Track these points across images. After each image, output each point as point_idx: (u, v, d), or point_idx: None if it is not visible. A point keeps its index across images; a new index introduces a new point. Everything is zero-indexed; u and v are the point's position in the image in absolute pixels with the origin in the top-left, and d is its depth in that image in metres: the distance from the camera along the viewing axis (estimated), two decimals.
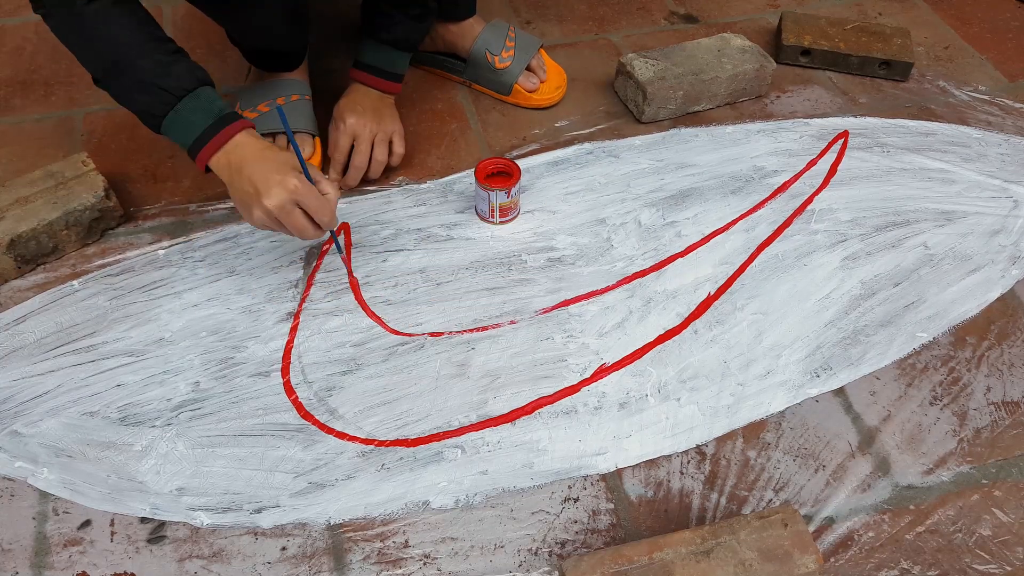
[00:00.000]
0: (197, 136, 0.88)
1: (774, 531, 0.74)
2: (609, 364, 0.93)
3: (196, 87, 0.88)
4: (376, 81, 1.12)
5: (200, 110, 0.88)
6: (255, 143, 0.89)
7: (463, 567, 0.78)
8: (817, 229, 1.08)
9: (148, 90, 0.87)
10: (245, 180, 0.87)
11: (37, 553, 0.77)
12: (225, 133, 0.88)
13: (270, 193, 0.86)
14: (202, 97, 0.89)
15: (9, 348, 0.92)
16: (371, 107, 1.11)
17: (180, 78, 0.88)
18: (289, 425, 0.87)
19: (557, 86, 1.25)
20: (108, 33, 0.86)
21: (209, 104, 0.89)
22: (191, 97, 0.88)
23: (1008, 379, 0.94)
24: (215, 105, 0.89)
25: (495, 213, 1.06)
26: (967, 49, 1.40)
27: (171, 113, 0.88)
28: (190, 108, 0.88)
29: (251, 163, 0.87)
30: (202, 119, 0.88)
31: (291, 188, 0.86)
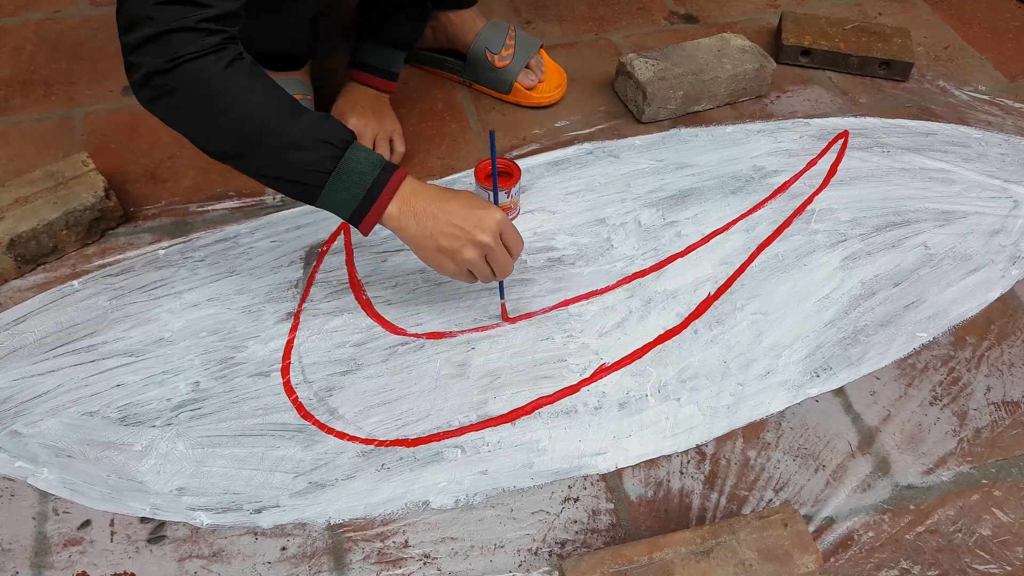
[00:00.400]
0: (369, 187, 0.81)
1: (774, 531, 0.74)
2: (609, 364, 0.93)
3: (354, 139, 0.82)
4: (374, 80, 1.12)
5: (365, 160, 0.81)
6: (428, 187, 0.84)
7: (463, 567, 0.78)
8: (817, 229, 1.08)
9: (308, 147, 0.79)
10: (445, 224, 0.82)
11: (37, 553, 0.77)
12: (396, 179, 0.82)
13: (483, 226, 0.82)
14: (361, 148, 0.82)
15: (9, 348, 0.92)
16: (370, 106, 1.11)
17: (339, 130, 0.81)
18: (289, 425, 0.87)
19: (557, 85, 1.25)
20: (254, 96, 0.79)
21: (370, 154, 0.82)
22: (353, 148, 0.81)
23: (1008, 379, 0.94)
24: (374, 155, 0.82)
25: None
26: (967, 49, 1.40)
27: (337, 167, 0.80)
28: (356, 159, 0.81)
29: (444, 205, 0.82)
30: (370, 168, 0.81)
31: (500, 218, 0.83)
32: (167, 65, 0.75)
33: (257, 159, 0.81)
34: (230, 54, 0.78)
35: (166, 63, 0.75)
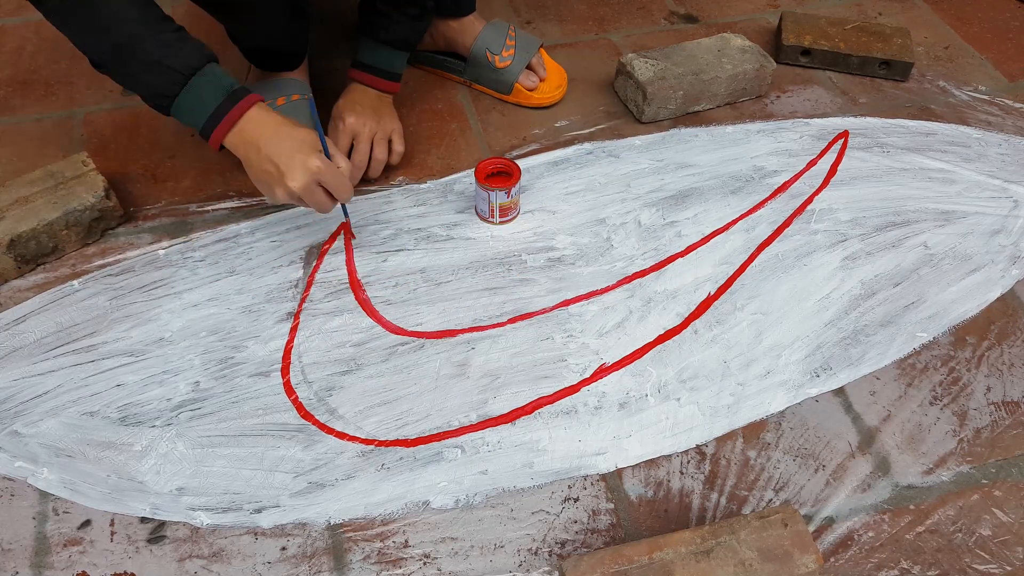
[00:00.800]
0: (210, 114, 0.87)
1: (774, 531, 0.74)
2: (609, 364, 0.93)
3: (204, 64, 0.87)
4: (375, 80, 1.12)
5: (210, 87, 0.87)
6: (271, 118, 0.89)
7: (463, 567, 0.78)
8: (817, 229, 1.08)
9: (156, 70, 0.85)
10: (265, 159, 0.87)
11: (37, 553, 0.77)
12: (239, 108, 0.88)
13: (293, 174, 0.87)
14: (210, 74, 0.88)
15: (9, 348, 0.92)
16: (370, 106, 1.11)
17: (188, 56, 0.86)
18: (289, 425, 0.87)
19: (558, 85, 1.25)
20: (111, 13, 0.84)
21: (218, 80, 0.88)
22: (200, 75, 0.87)
23: (1008, 379, 0.94)
24: (224, 81, 0.88)
25: (495, 213, 1.05)
26: (967, 49, 1.40)
27: (181, 92, 0.86)
28: (200, 86, 0.87)
29: (270, 141, 0.87)
30: (213, 96, 0.87)
31: (313, 168, 0.87)
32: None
33: (114, 73, 0.88)
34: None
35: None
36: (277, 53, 1.14)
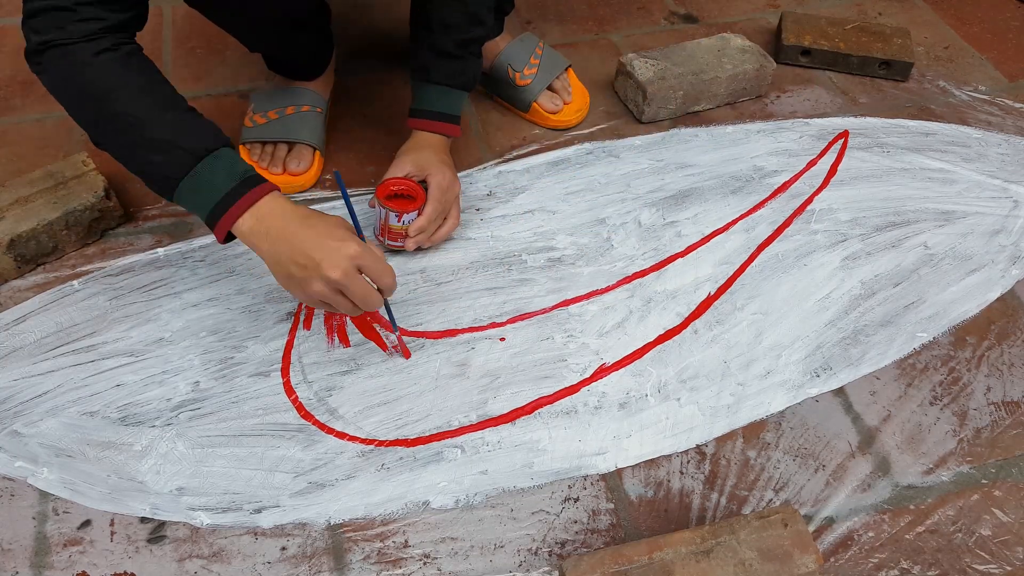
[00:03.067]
0: (219, 199, 0.80)
1: (774, 531, 0.74)
2: (609, 364, 0.93)
3: (218, 147, 0.81)
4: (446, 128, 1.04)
5: (222, 171, 0.80)
6: (291, 208, 0.81)
7: (463, 567, 0.78)
8: (817, 229, 1.08)
9: (163, 149, 0.79)
10: (296, 252, 0.79)
11: (37, 553, 0.77)
12: (252, 195, 0.80)
13: (333, 261, 0.78)
14: (224, 158, 0.81)
15: (9, 348, 0.92)
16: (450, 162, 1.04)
17: (201, 138, 0.81)
18: (289, 425, 0.87)
19: (578, 109, 1.22)
20: (117, 88, 0.79)
21: (232, 165, 0.81)
22: (212, 158, 0.80)
23: (1008, 379, 0.94)
24: (238, 166, 0.81)
25: (385, 232, 1.00)
26: (967, 49, 1.40)
27: (188, 175, 0.80)
28: (211, 169, 0.80)
29: (298, 231, 0.79)
30: (224, 181, 0.80)
31: (353, 253, 0.79)
32: (40, 47, 0.79)
33: (115, 151, 0.83)
34: (104, 43, 0.79)
35: (40, 44, 0.79)
36: (294, 62, 1.13)
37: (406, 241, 0.99)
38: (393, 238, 1.00)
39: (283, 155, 1.10)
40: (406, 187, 1.00)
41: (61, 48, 0.78)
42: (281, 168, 1.09)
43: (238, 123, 1.14)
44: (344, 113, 1.22)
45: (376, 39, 1.37)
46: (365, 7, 1.43)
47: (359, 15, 1.41)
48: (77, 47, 0.78)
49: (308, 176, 1.10)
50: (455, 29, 0.99)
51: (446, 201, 1.00)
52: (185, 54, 1.33)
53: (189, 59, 1.32)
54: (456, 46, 0.99)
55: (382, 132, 1.20)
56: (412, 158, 1.01)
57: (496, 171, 1.15)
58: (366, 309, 0.83)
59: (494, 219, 1.09)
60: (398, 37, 1.37)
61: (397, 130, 1.20)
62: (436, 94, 1.02)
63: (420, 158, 1.01)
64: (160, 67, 0.84)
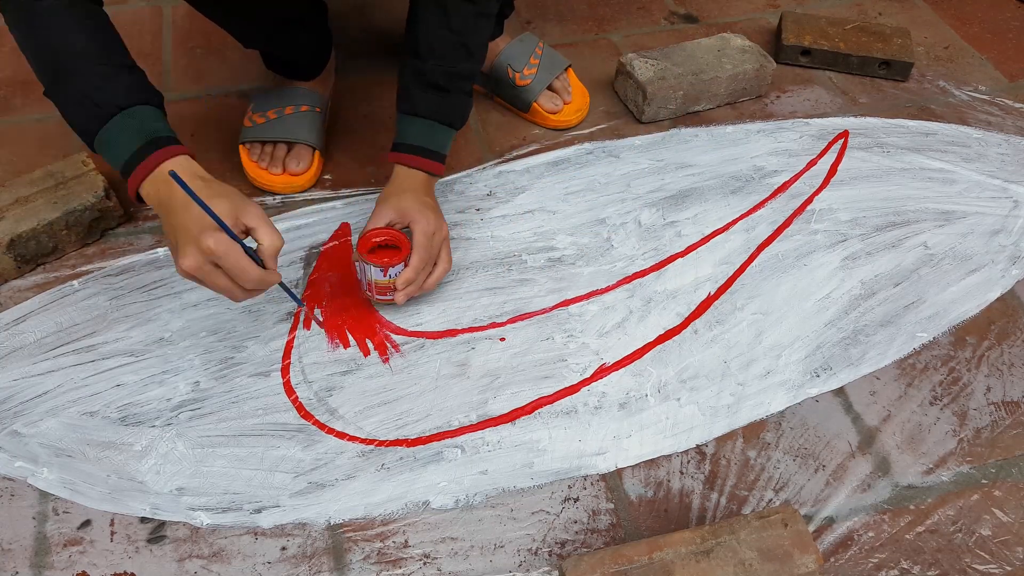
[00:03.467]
0: (125, 160, 0.78)
1: (774, 531, 0.74)
2: (609, 364, 0.93)
3: (131, 105, 0.79)
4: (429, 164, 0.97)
5: (130, 131, 0.78)
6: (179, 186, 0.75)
7: (463, 567, 0.78)
8: (817, 229, 1.08)
9: (83, 103, 0.79)
10: (168, 229, 0.78)
11: (37, 553, 0.77)
12: (152, 159, 0.78)
13: (184, 251, 0.75)
14: (137, 116, 0.79)
15: (9, 348, 0.92)
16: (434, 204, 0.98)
17: (117, 94, 0.79)
18: (289, 425, 0.87)
19: (577, 109, 1.22)
20: (58, 36, 0.78)
21: (142, 124, 0.79)
22: (124, 115, 0.78)
23: (1008, 379, 0.94)
24: (148, 126, 0.79)
25: (372, 289, 0.94)
26: (967, 49, 1.40)
27: (100, 133, 0.79)
28: (120, 127, 0.78)
29: (176, 212, 0.76)
30: (130, 141, 0.78)
31: (206, 248, 0.74)
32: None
33: (58, 102, 0.82)
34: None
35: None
36: (292, 62, 1.13)
37: (395, 295, 0.92)
38: (381, 292, 0.93)
39: (282, 155, 1.10)
40: (388, 237, 0.93)
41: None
42: (281, 168, 1.09)
43: (238, 123, 1.14)
44: (344, 113, 1.22)
45: (376, 39, 1.37)
46: (365, 7, 1.43)
47: (359, 15, 1.41)
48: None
49: (308, 176, 1.10)
50: (443, 59, 0.93)
51: (432, 248, 0.92)
52: (185, 54, 1.33)
53: (189, 59, 1.32)
54: (444, 77, 0.94)
55: (382, 132, 1.20)
56: (393, 204, 0.93)
57: (496, 171, 1.15)
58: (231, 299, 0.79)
59: (494, 219, 1.09)
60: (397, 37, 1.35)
61: None
62: (420, 128, 0.96)
63: (401, 204, 0.93)
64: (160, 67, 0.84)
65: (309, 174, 1.11)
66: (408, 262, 0.91)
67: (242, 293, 0.78)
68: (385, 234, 0.92)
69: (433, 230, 0.92)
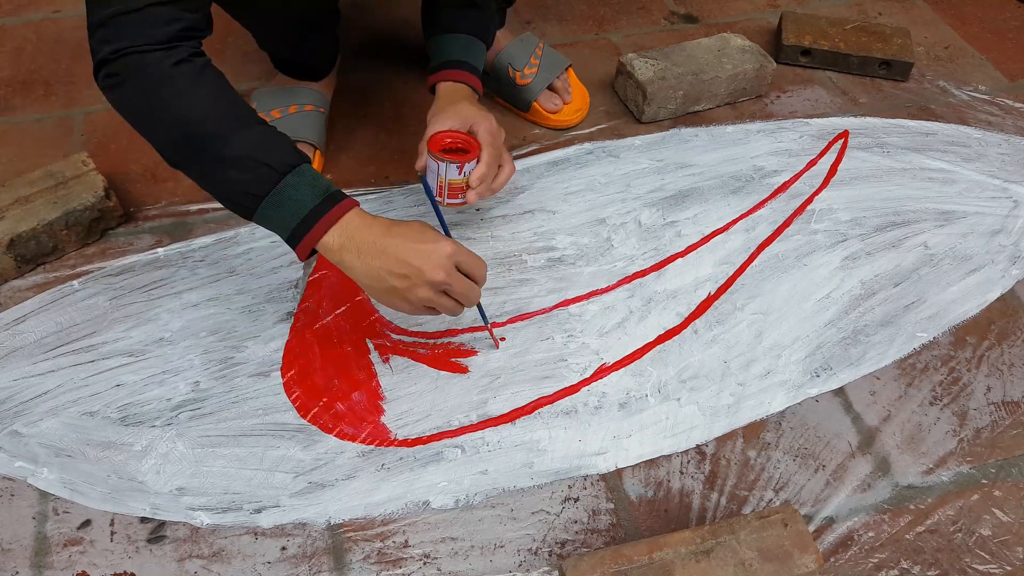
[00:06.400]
0: (304, 215, 0.77)
1: (774, 531, 0.74)
2: (609, 364, 0.93)
3: (300, 164, 0.79)
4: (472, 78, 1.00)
5: (306, 187, 0.78)
6: (376, 220, 0.80)
7: (463, 567, 0.78)
8: (817, 229, 1.08)
9: (246, 166, 0.76)
10: (393, 262, 0.77)
11: (37, 553, 0.77)
12: (337, 211, 0.78)
13: (433, 263, 0.77)
14: (306, 174, 0.78)
15: (9, 348, 0.92)
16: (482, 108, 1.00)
17: (283, 154, 0.78)
18: (289, 425, 0.87)
19: (577, 108, 1.22)
20: (196, 104, 0.76)
21: (314, 181, 0.79)
22: (295, 174, 0.78)
23: (1008, 379, 0.94)
24: (321, 182, 0.79)
25: (443, 191, 0.94)
26: (967, 49, 1.40)
27: (272, 192, 0.77)
28: (294, 185, 0.77)
29: (391, 242, 0.78)
30: (309, 197, 0.77)
31: (450, 252, 0.78)
32: (112, 55, 0.74)
33: (193, 169, 0.79)
34: (181, 52, 0.76)
35: (112, 52, 0.74)
36: (301, 63, 1.14)
37: (468, 194, 0.93)
38: (453, 195, 0.94)
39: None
40: (457, 139, 0.94)
41: (137, 56, 0.74)
42: None
43: None
44: (344, 113, 1.22)
45: (376, 39, 1.37)
46: (365, 7, 1.43)
47: (359, 15, 1.41)
48: (154, 56, 0.74)
49: None
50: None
51: (498, 146, 0.95)
52: None
53: None
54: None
55: (382, 132, 1.20)
56: (452, 111, 0.94)
57: None
58: (468, 305, 0.82)
59: (494, 219, 1.09)
60: (398, 37, 1.37)
61: (397, 130, 1.21)
62: (461, 44, 0.98)
63: (459, 110, 0.95)
64: None
65: None
66: (480, 159, 0.92)
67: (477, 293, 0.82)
68: (452, 135, 0.94)
69: (497, 129, 0.95)
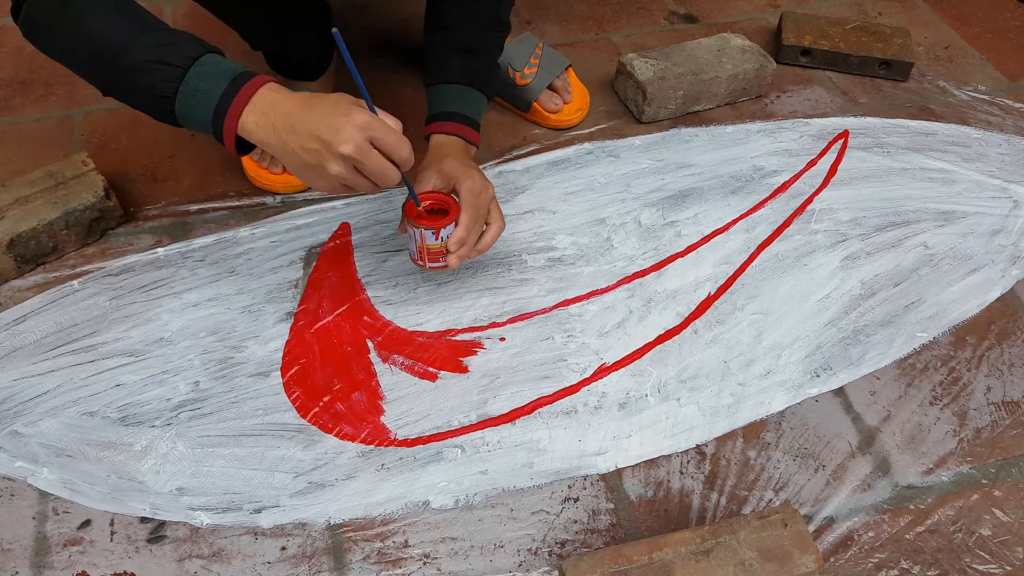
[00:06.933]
0: (216, 103, 0.75)
1: (774, 531, 0.74)
2: (609, 364, 0.93)
3: (201, 54, 0.76)
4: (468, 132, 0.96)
5: (210, 76, 0.76)
6: (291, 95, 0.76)
7: (463, 567, 0.78)
8: (817, 229, 1.08)
9: (152, 70, 0.75)
10: (304, 136, 0.74)
11: (37, 553, 0.77)
12: (247, 89, 0.75)
13: (341, 136, 0.73)
14: (209, 63, 0.76)
15: (9, 348, 0.92)
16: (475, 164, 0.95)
17: (185, 48, 0.76)
18: (289, 425, 0.87)
19: (578, 108, 1.22)
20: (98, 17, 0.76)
21: (218, 66, 0.76)
22: (199, 65, 0.76)
23: (1008, 379, 0.94)
24: (225, 66, 0.77)
25: (423, 256, 0.90)
26: (967, 49, 1.40)
27: (180, 89, 0.75)
28: (199, 76, 0.76)
29: (303, 115, 0.74)
30: (216, 83, 0.76)
31: (362, 123, 0.73)
32: None
33: (109, 85, 0.79)
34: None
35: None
36: (295, 62, 1.13)
37: (448, 258, 0.89)
38: (433, 259, 0.90)
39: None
40: (436, 201, 0.90)
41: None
42: (281, 168, 1.09)
43: None
44: None
45: (375, 39, 1.37)
46: (364, 7, 1.43)
47: (358, 15, 1.41)
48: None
49: None
50: (474, 26, 0.95)
51: (480, 206, 0.89)
52: None
53: None
54: (474, 41, 0.95)
55: None
56: (435, 170, 0.91)
57: (496, 171, 1.15)
58: (384, 185, 0.77)
59: None
60: (397, 37, 1.37)
61: None
62: (456, 95, 0.96)
63: (443, 168, 0.91)
64: None
65: None
66: (459, 222, 0.88)
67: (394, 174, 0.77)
68: (431, 198, 0.90)
69: (480, 188, 0.89)
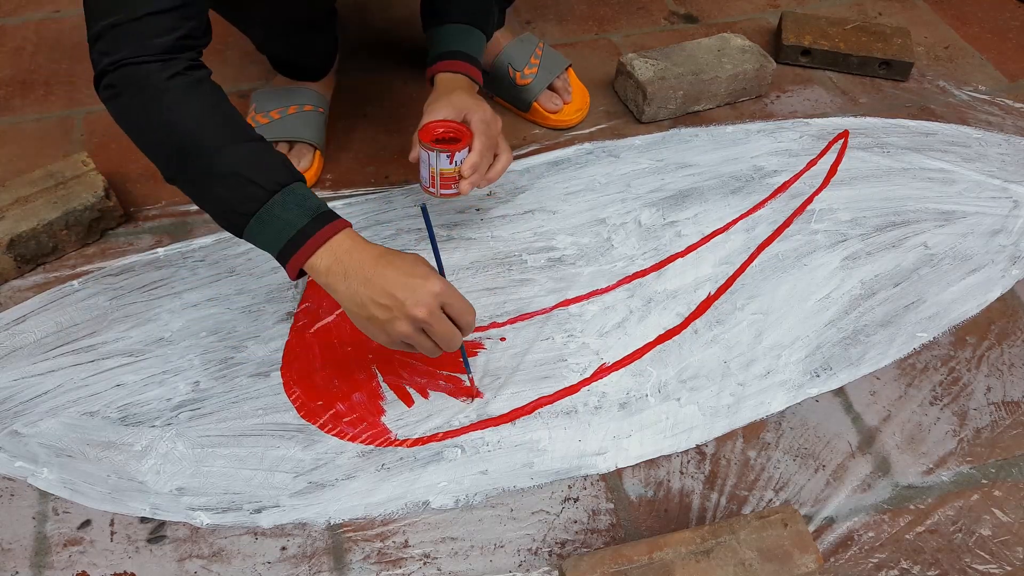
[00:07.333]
0: (292, 235, 0.75)
1: (774, 531, 0.74)
2: (609, 364, 0.93)
3: (291, 182, 0.77)
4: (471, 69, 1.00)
5: (295, 207, 0.76)
6: (367, 246, 0.78)
7: (463, 567, 0.78)
8: (817, 229, 1.08)
9: (234, 183, 0.75)
10: (378, 291, 0.75)
11: (37, 553, 0.77)
12: (326, 231, 0.76)
13: (416, 297, 0.74)
14: (297, 193, 0.77)
15: (9, 348, 0.92)
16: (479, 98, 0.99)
17: (273, 172, 0.76)
18: (289, 425, 0.87)
19: (578, 108, 1.22)
20: (190, 115, 0.75)
21: (304, 200, 0.77)
22: (285, 192, 0.76)
23: (1008, 379, 0.94)
24: (311, 201, 0.77)
25: (435, 181, 0.94)
26: (967, 49, 1.40)
27: (259, 212, 0.75)
28: (283, 204, 0.76)
29: (379, 270, 0.75)
30: (298, 217, 0.76)
31: (439, 290, 0.75)
32: (110, 67, 0.74)
33: (186, 184, 0.78)
34: (178, 65, 0.75)
35: (110, 64, 0.74)
36: (300, 64, 1.14)
37: (460, 184, 0.93)
38: (446, 184, 0.93)
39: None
40: (449, 129, 0.93)
41: (134, 68, 0.74)
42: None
43: None
44: (344, 113, 1.22)
45: (375, 39, 1.37)
46: (363, 7, 1.43)
47: (357, 15, 1.41)
48: (150, 68, 0.74)
49: (309, 175, 1.10)
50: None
51: (492, 135, 0.94)
52: None
53: None
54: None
55: (382, 132, 1.20)
56: (446, 101, 0.94)
57: None
58: (448, 350, 0.78)
59: (494, 219, 1.09)
60: (396, 37, 1.37)
61: (397, 130, 1.21)
62: (458, 34, 0.98)
63: (454, 100, 0.94)
64: None
65: (310, 173, 1.11)
66: (472, 148, 0.92)
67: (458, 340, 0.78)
68: (444, 125, 0.93)
69: (491, 118, 0.94)
